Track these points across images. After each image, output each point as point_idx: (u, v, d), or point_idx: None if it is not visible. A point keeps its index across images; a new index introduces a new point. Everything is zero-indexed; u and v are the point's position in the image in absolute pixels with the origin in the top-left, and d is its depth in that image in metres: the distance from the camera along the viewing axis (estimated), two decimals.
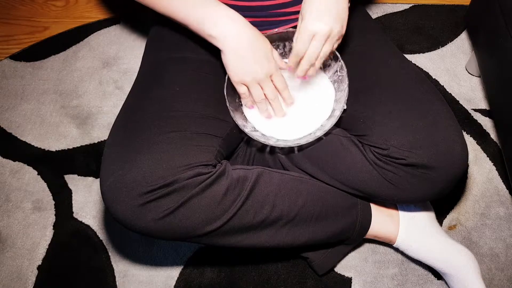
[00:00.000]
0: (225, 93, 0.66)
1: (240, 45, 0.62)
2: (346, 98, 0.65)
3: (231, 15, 0.62)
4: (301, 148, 0.71)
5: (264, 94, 0.65)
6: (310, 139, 0.64)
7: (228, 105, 0.65)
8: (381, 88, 0.68)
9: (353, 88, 0.68)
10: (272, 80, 0.65)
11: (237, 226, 0.62)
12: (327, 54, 0.63)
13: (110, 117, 1.05)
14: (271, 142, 0.64)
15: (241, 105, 0.70)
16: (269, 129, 0.68)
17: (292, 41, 0.67)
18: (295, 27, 0.64)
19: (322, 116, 0.68)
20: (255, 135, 0.65)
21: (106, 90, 1.09)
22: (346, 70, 0.66)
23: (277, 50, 0.69)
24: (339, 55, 0.67)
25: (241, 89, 0.65)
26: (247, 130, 0.65)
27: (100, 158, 0.86)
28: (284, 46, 0.71)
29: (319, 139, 0.69)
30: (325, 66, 0.71)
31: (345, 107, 0.65)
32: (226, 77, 0.66)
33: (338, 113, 0.64)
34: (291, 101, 0.68)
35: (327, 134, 0.68)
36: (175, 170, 0.58)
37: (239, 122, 0.65)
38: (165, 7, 0.65)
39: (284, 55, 0.72)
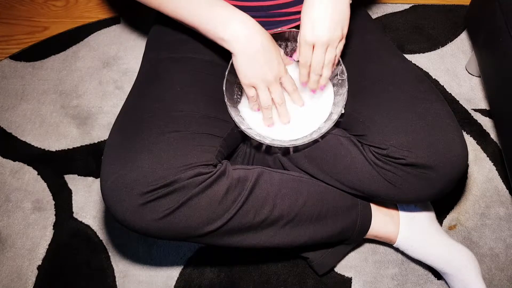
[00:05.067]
0: (224, 88, 0.66)
1: (251, 48, 0.61)
2: (344, 102, 0.65)
3: (242, 17, 0.61)
4: (297, 149, 0.71)
5: (272, 99, 0.65)
6: (306, 140, 0.64)
7: (226, 100, 0.65)
8: (380, 88, 0.68)
9: (353, 88, 0.68)
10: (281, 83, 0.65)
11: (238, 226, 0.62)
12: (332, 60, 0.63)
13: (110, 117, 1.05)
14: (267, 141, 0.64)
15: (239, 101, 0.70)
16: (265, 129, 0.67)
17: (294, 41, 0.67)
18: (296, 27, 0.63)
19: (319, 119, 0.68)
20: (251, 133, 0.65)
21: (106, 90, 1.09)
22: (346, 74, 0.66)
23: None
24: (340, 60, 0.67)
25: (250, 92, 0.64)
26: (243, 127, 0.64)
27: (100, 158, 0.86)
28: (286, 46, 0.71)
29: (315, 141, 0.69)
30: None
31: (343, 111, 0.65)
32: (226, 72, 0.66)
33: (335, 117, 0.64)
34: (301, 103, 0.68)
35: (323, 136, 0.68)
36: (175, 170, 0.58)
37: (236, 118, 0.65)
38: (172, 10, 0.63)
39: (286, 54, 0.72)
